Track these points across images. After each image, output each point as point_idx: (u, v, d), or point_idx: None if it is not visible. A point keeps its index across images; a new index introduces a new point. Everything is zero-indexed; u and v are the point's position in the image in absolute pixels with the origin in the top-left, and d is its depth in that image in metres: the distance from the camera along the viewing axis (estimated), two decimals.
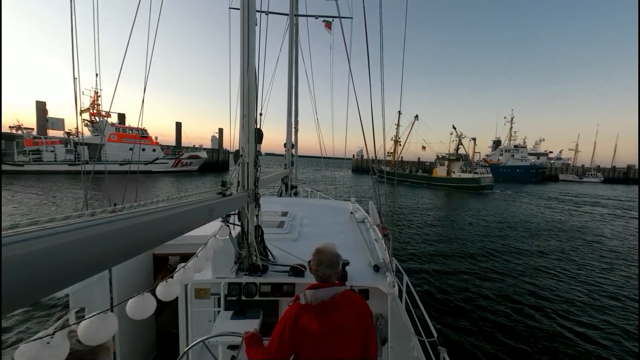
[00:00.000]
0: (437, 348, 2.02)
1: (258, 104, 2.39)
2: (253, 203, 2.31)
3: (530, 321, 5.61)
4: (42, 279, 0.61)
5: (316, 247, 1.58)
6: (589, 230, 14.50)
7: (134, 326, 2.82)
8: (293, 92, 8.07)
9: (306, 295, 1.43)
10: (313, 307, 1.41)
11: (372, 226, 3.58)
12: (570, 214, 19.29)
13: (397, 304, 2.24)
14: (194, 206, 1.38)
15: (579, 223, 16.21)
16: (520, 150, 62.43)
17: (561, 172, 69.77)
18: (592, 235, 13.31)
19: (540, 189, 39.35)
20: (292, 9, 7.68)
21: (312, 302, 1.41)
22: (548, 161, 70.13)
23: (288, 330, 1.38)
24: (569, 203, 25.60)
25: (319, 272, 1.51)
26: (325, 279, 1.51)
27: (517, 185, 43.99)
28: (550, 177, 65.36)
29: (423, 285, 6.99)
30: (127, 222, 0.90)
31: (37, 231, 0.66)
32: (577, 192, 37.97)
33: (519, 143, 64.33)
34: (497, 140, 69.91)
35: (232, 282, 2.23)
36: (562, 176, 68.14)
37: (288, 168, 7.84)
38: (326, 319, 1.40)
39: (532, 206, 22.30)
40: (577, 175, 68.96)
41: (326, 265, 1.50)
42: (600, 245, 11.67)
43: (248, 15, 2.17)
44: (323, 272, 1.50)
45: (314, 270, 1.53)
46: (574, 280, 7.84)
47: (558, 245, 11.22)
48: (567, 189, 41.82)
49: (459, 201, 24.24)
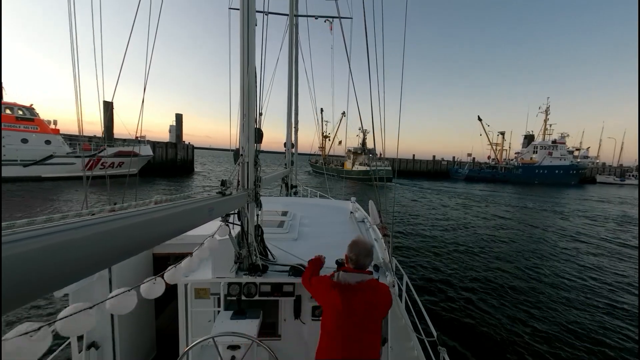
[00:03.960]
0: (437, 348, 2.02)
1: (258, 104, 2.39)
2: (253, 203, 2.31)
3: (531, 321, 5.61)
4: (41, 278, 0.61)
5: (352, 240, 1.77)
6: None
7: (134, 326, 2.82)
8: (293, 92, 8.07)
9: (339, 275, 1.65)
10: (338, 285, 1.62)
11: (372, 226, 3.58)
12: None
13: (397, 303, 2.24)
14: (194, 205, 1.37)
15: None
16: (560, 147, 52.05)
17: (598, 173, 60.80)
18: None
19: (585, 195, 32.88)
20: (292, 9, 7.68)
21: (341, 282, 1.62)
22: (585, 160, 59.66)
23: (322, 283, 1.71)
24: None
25: (359, 262, 1.69)
26: (363, 267, 1.69)
27: (554, 191, 35.96)
28: (586, 179, 56.26)
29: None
30: (127, 221, 0.90)
31: (36, 230, 0.66)
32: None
33: (556, 138, 53.17)
34: (529, 134, 58.37)
35: (232, 282, 2.23)
36: (600, 178, 59.40)
37: (288, 167, 7.84)
38: (345, 300, 1.58)
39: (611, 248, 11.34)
40: (618, 177, 59.87)
41: (365, 255, 1.68)
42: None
43: (248, 16, 2.17)
44: (363, 261, 1.69)
45: (353, 261, 1.70)
46: (574, 277, 7.83)
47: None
48: (620, 195, 34.37)
49: (348, 190, 23.37)
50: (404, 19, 2.99)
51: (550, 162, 50.60)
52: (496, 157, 57.74)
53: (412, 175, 53.18)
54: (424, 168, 58.32)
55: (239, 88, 2.25)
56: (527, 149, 55.63)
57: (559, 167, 50.00)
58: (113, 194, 9.52)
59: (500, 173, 52.67)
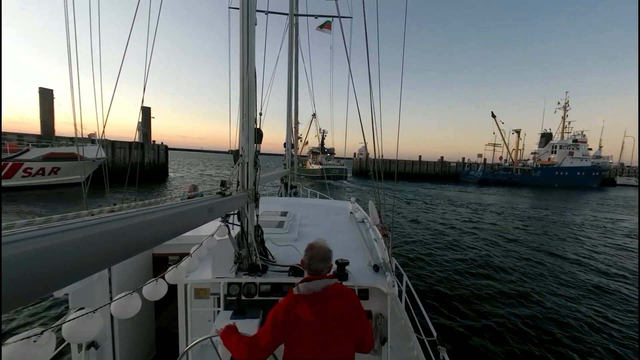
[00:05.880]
0: (437, 347, 2.02)
1: (258, 104, 2.38)
2: (253, 203, 2.30)
3: (531, 320, 5.62)
4: (41, 278, 0.61)
5: (308, 243, 1.66)
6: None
7: (133, 326, 2.82)
8: (293, 92, 8.06)
9: (299, 287, 1.52)
10: (305, 297, 1.49)
11: (372, 226, 3.58)
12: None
13: (397, 303, 2.24)
14: (193, 206, 1.37)
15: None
16: (581, 146, 46.74)
17: (618, 175, 56.44)
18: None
19: (620, 200, 29.35)
20: (292, 9, 7.68)
21: (304, 293, 1.49)
22: (599, 160, 53.04)
23: (281, 315, 1.46)
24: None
25: (311, 266, 1.58)
26: (317, 272, 1.58)
27: (576, 195, 32.58)
28: (605, 181, 50.96)
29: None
30: (126, 222, 0.90)
31: (36, 230, 0.66)
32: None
33: (577, 137, 47.57)
34: (547, 133, 52.58)
35: (231, 282, 2.23)
36: (620, 180, 55.08)
37: (288, 168, 7.84)
38: (318, 309, 1.46)
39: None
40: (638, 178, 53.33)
41: (319, 259, 1.58)
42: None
43: (248, 15, 2.16)
44: (316, 266, 1.57)
45: (306, 265, 1.60)
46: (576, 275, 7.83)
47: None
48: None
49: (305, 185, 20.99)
50: (404, 18, 2.98)
51: (571, 162, 45.73)
52: (511, 158, 52.69)
53: (418, 178, 48.34)
54: (431, 170, 52.97)
55: (239, 88, 2.25)
56: (545, 148, 49.94)
57: (580, 169, 45.22)
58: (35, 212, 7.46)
59: (517, 176, 47.22)
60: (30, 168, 17.96)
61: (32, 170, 18.11)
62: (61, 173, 19.28)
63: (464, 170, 51.86)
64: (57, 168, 19.05)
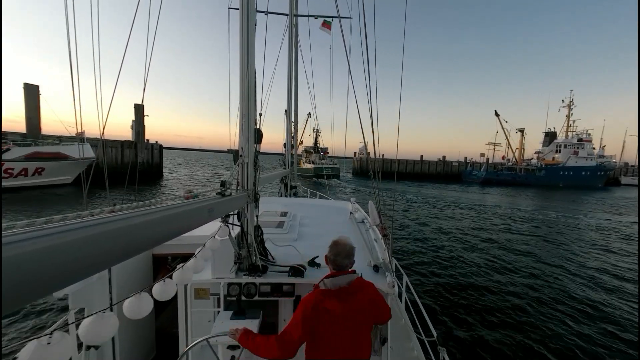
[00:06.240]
0: (437, 347, 2.02)
1: (257, 104, 2.38)
2: (253, 203, 2.30)
3: (530, 320, 5.62)
4: (41, 279, 0.61)
5: (333, 240, 1.71)
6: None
7: (133, 326, 2.81)
8: (293, 92, 8.07)
9: (325, 283, 1.58)
10: (332, 292, 1.55)
11: (372, 226, 3.58)
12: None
13: (397, 304, 2.24)
14: (193, 206, 1.37)
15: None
16: (586, 145, 45.94)
17: (622, 175, 55.22)
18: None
19: (618, 199, 28.67)
20: (292, 9, 7.69)
21: (332, 288, 1.55)
22: (602, 159, 51.04)
23: (310, 310, 1.51)
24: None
25: (337, 262, 1.64)
26: (342, 267, 1.64)
27: (582, 195, 32.00)
28: (609, 181, 49.77)
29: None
30: (126, 222, 0.90)
31: (36, 231, 0.66)
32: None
33: (582, 136, 46.69)
34: (551, 131, 51.64)
35: (231, 282, 2.23)
36: (625, 179, 53.91)
37: (287, 168, 7.84)
38: (346, 303, 1.54)
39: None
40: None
41: (344, 256, 1.64)
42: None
43: (248, 15, 2.16)
44: (341, 262, 1.64)
45: (331, 261, 1.66)
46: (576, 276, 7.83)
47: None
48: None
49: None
50: (404, 18, 2.99)
51: (576, 162, 44.81)
52: (514, 157, 52.20)
53: (420, 178, 47.98)
54: (433, 170, 52.34)
55: (239, 88, 2.25)
56: (549, 147, 49.13)
57: (585, 168, 44.36)
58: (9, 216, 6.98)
59: (521, 175, 46.81)
60: (11, 169, 16.85)
61: (14, 171, 17.00)
62: (46, 174, 18.13)
63: (466, 170, 51.27)
64: (41, 168, 17.88)
